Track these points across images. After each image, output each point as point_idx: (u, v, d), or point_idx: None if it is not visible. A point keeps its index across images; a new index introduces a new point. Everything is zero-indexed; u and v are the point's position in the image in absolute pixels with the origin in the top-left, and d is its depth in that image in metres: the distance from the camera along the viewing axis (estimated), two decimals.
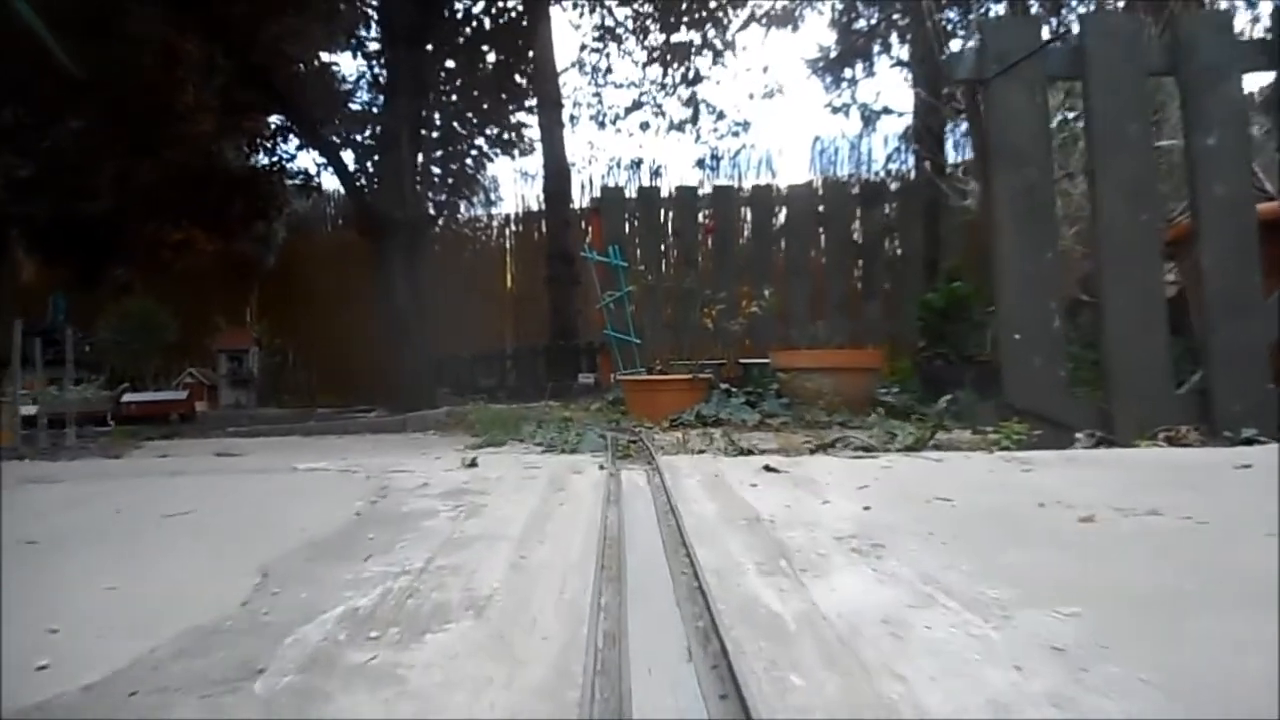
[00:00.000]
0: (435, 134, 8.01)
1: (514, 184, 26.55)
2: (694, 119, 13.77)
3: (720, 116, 14.69)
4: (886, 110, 14.23)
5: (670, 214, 5.93)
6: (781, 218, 6.03)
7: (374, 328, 8.59)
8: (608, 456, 2.69)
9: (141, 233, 10.08)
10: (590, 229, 6.04)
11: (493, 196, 14.33)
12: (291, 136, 10.13)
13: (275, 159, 9.95)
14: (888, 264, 6.03)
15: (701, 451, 2.92)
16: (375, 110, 8.07)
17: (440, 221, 10.26)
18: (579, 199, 11.82)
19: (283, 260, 12.95)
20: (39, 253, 10.68)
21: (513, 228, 13.34)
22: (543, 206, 12.47)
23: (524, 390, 10.62)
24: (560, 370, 10.58)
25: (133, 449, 4.74)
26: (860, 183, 7.74)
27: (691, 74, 13.07)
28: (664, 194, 5.94)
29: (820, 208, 5.95)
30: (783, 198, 5.90)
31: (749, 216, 5.99)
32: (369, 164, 7.91)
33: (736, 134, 14.74)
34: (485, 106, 8.20)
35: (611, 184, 8.39)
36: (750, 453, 2.88)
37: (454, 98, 8.21)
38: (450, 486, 2.13)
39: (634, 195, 5.95)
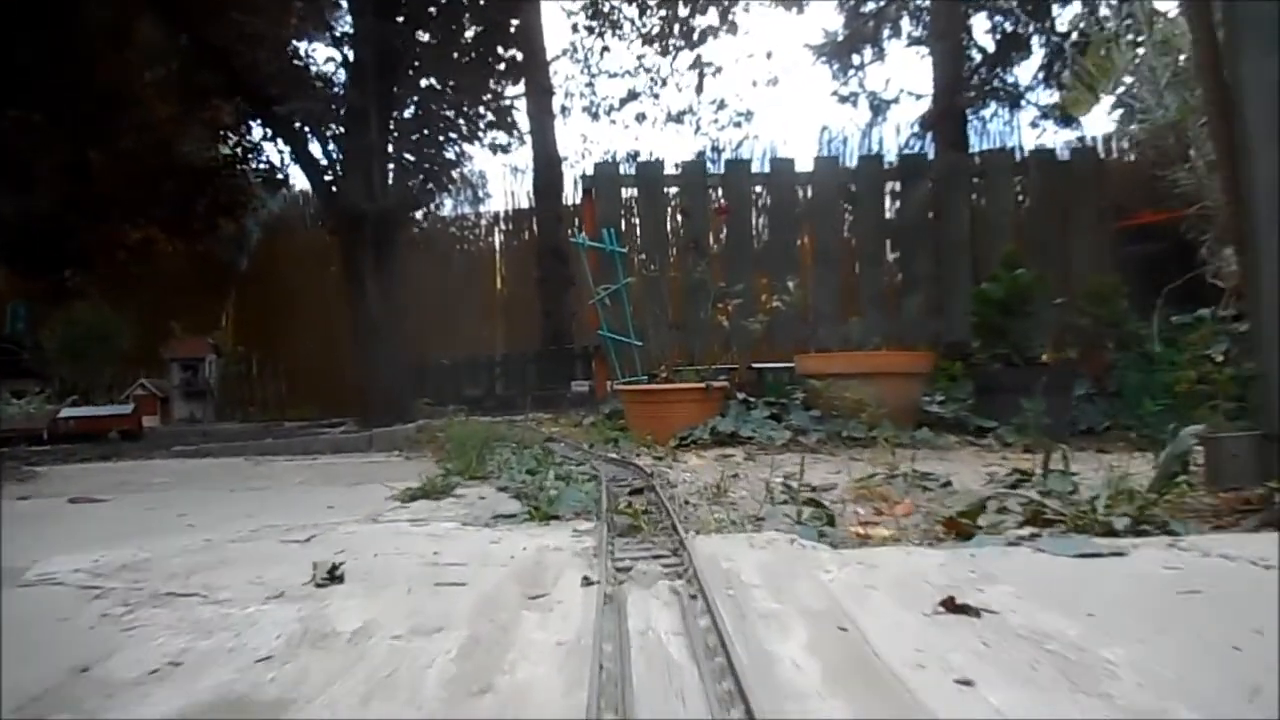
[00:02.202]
0: (408, 115, 7.15)
1: (503, 180, 25.74)
2: (699, 87, 12.74)
3: (721, 106, 13.86)
4: (896, 101, 13.43)
5: (676, 195, 5.06)
6: (805, 199, 5.15)
7: (346, 333, 7.72)
8: (599, 533, 1.59)
9: (94, 232, 9.20)
10: (582, 214, 5.15)
11: (481, 193, 13.48)
12: (256, 127, 9.27)
13: (237, 149, 9.05)
14: (931, 251, 5.17)
15: (758, 520, 1.82)
16: (342, 92, 7.19)
17: (417, 214, 9.37)
18: (571, 195, 10.99)
19: (255, 262, 12.12)
20: None
21: (502, 226, 12.50)
22: (533, 202, 11.64)
23: (512, 400, 9.75)
24: (552, 378, 9.73)
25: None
26: (898, 155, 6.87)
27: (696, 36, 12.10)
28: (667, 171, 5.08)
29: (852, 186, 5.09)
30: (807, 176, 5.04)
31: (767, 198, 5.11)
32: (335, 151, 7.04)
33: (739, 124, 13.90)
34: (465, 85, 7.35)
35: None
36: (829, 521, 1.79)
37: (430, 77, 7.35)
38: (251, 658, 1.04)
39: (632, 172, 5.08)
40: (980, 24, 11.35)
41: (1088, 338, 4.64)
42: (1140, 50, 4.83)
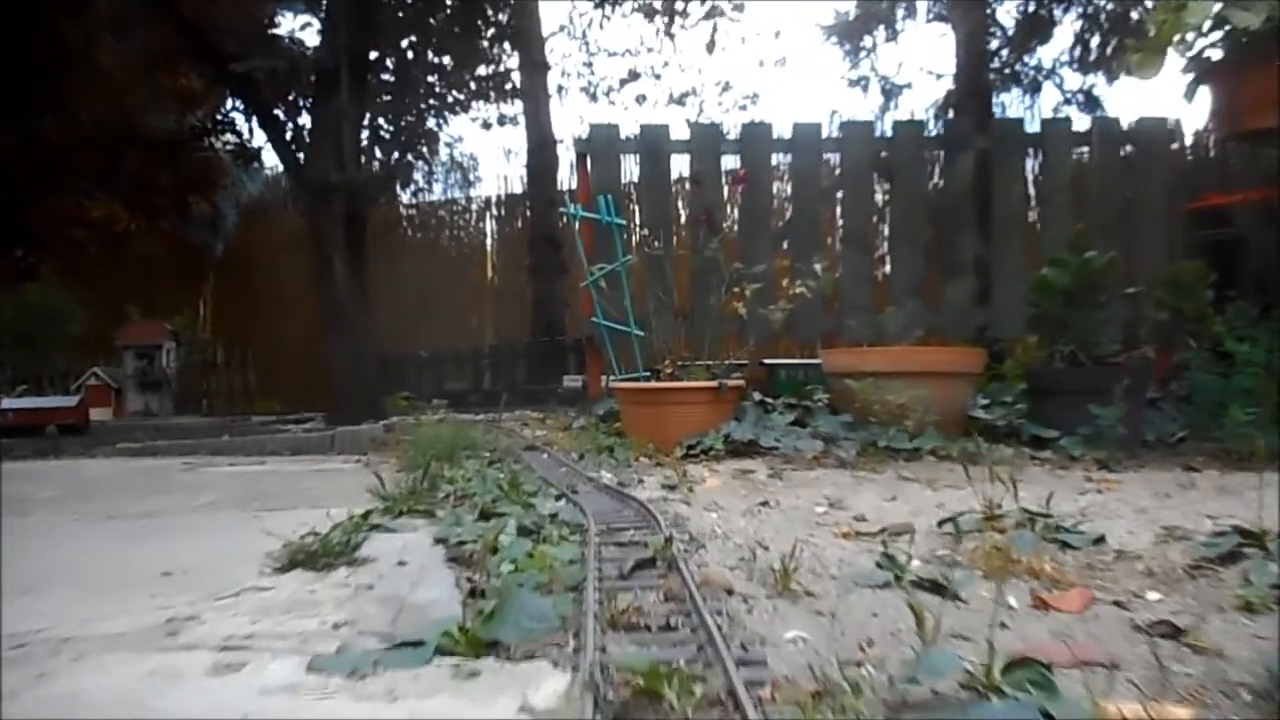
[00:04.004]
0: (386, 79, 6.45)
1: (495, 163, 24.96)
2: (710, 44, 11.86)
3: (726, 88, 13.13)
4: (909, 86, 12.72)
5: (681, 181, 4.36)
6: (834, 168, 4.44)
7: (315, 321, 7.01)
8: (578, 686, 0.85)
9: (48, 207, 8.46)
10: (576, 182, 4.45)
11: (471, 176, 12.80)
12: (227, 101, 8.53)
13: (206, 121, 8.30)
14: (975, 232, 4.47)
15: (857, 668, 0.96)
16: (311, 54, 6.47)
17: (402, 192, 8.66)
18: (567, 181, 10.28)
19: (232, 247, 11.43)
20: None
21: (494, 211, 11.83)
22: (526, 186, 10.95)
23: (499, 396, 9.05)
24: (542, 371, 9.04)
25: None
26: (941, 122, 6.14)
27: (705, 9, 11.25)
28: (675, 135, 4.36)
29: (886, 155, 4.38)
30: (835, 143, 4.32)
31: (790, 167, 4.39)
32: (303, 118, 6.33)
33: (744, 108, 13.16)
34: (450, 48, 6.64)
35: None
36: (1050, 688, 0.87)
37: (410, 36, 6.63)
38: None
39: (635, 135, 4.37)
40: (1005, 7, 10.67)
41: (1166, 333, 3.97)
42: None
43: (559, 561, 1.27)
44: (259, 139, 8.27)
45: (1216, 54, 4.86)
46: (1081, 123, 4.57)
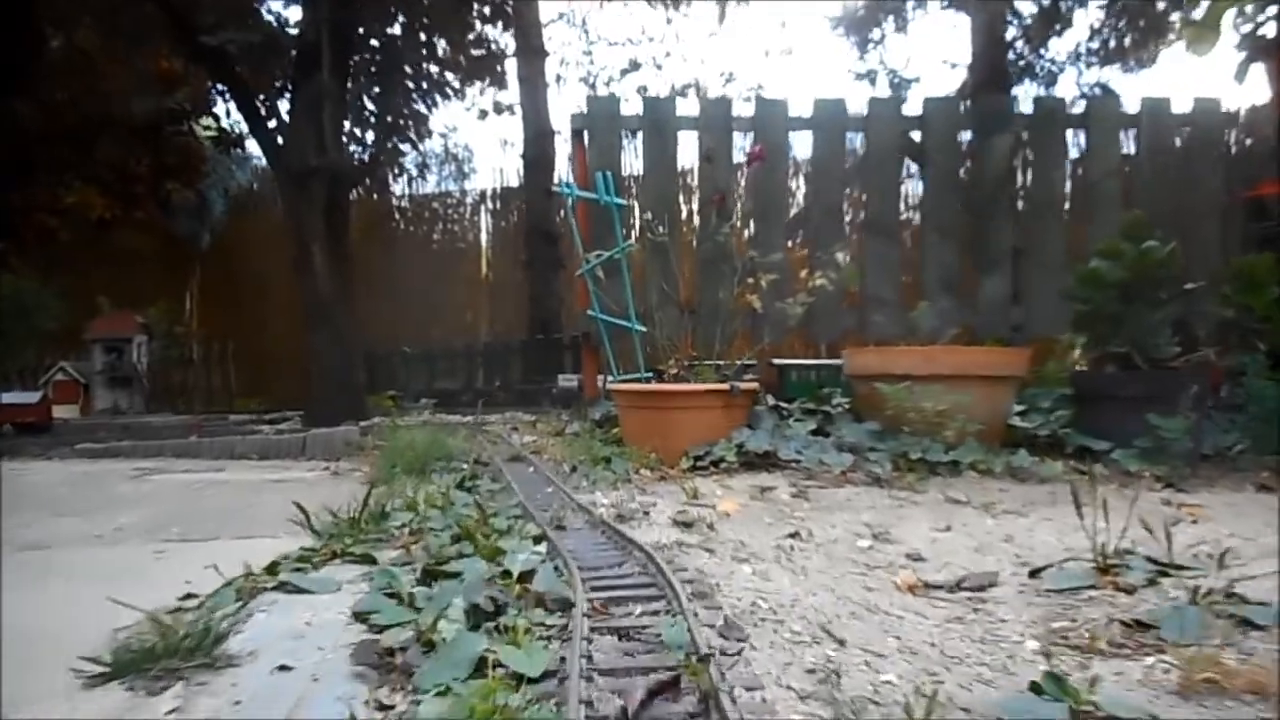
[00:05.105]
0: (371, 57, 6.01)
1: (491, 155, 24.41)
2: (720, 16, 11.35)
3: (730, 79, 12.71)
4: (918, 80, 12.31)
5: (693, 141, 3.92)
6: (856, 152, 3.99)
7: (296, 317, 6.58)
8: None
9: (17, 193, 8.02)
10: (573, 160, 4.01)
11: (466, 168, 12.39)
12: (208, 87, 8.06)
13: (185, 104, 7.84)
14: (1011, 221, 4.04)
15: None
16: (293, 30, 6.04)
17: (389, 179, 8.21)
18: (567, 174, 9.85)
19: (219, 238, 10.99)
20: None
21: (489, 205, 11.40)
22: (522, 178, 10.53)
23: (493, 395, 8.65)
24: (537, 370, 8.62)
25: None
26: (974, 99, 5.66)
27: None
28: (682, 112, 3.90)
29: (912, 132, 3.93)
30: (859, 121, 3.87)
31: (811, 147, 3.94)
32: (283, 101, 5.90)
33: (748, 100, 12.72)
34: (440, 24, 6.20)
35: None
36: None
37: (398, 10, 6.18)
38: None
39: (638, 111, 3.92)
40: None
41: (1227, 334, 3.55)
42: None
43: (520, 694, 0.83)
44: (241, 124, 7.82)
45: (1271, 31, 4.47)
46: (1130, 103, 4.13)
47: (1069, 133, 4.18)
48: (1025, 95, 10.44)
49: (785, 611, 1.19)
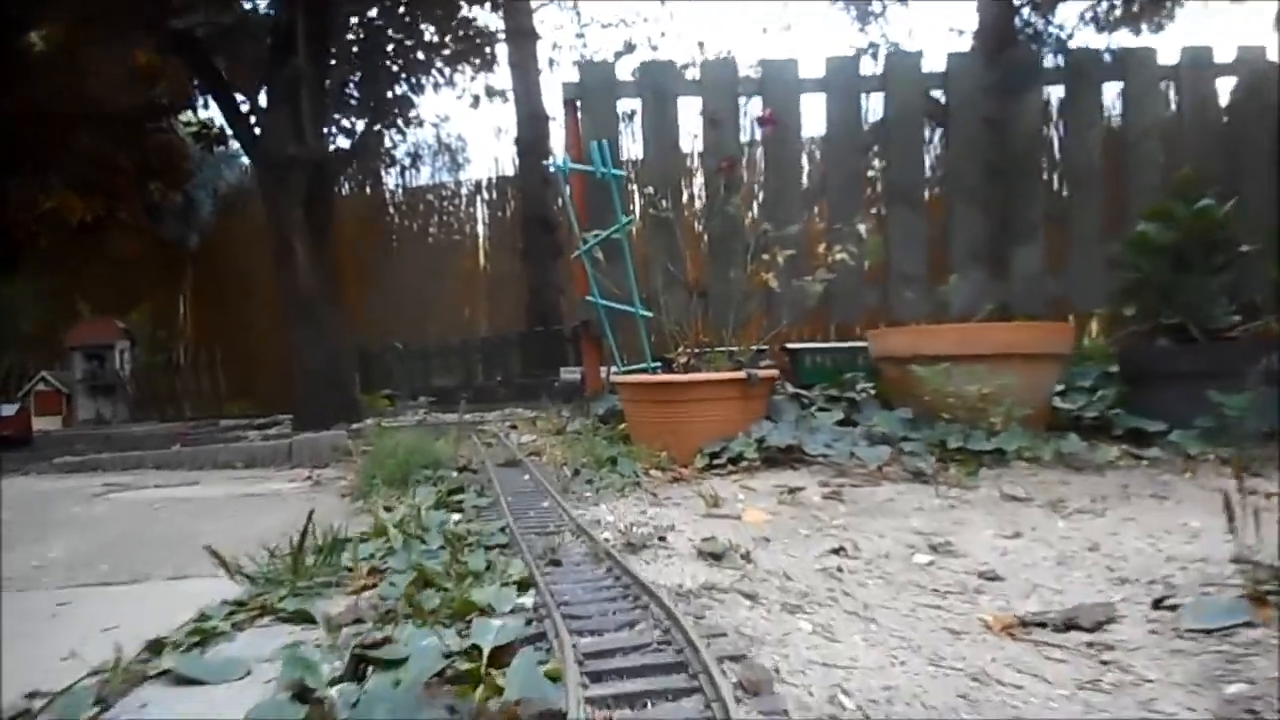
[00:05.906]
0: (353, 39, 5.69)
1: (485, 145, 23.99)
2: None
3: (728, 57, 12.29)
4: (921, 54, 11.92)
5: (696, 106, 3.57)
6: (875, 110, 3.66)
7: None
8: None
9: None
10: (566, 131, 3.65)
11: (460, 158, 12.05)
12: (190, 84, 7.72)
13: (157, 95, 7.50)
14: (1044, 187, 3.71)
15: None
16: (268, 11, 5.71)
17: (380, 171, 7.88)
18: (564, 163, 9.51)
19: (208, 240, 10.68)
20: None
21: (485, 195, 11.09)
22: (517, 166, 10.21)
23: (492, 391, 8.35)
24: (538, 363, 8.31)
25: None
26: (1003, 52, 5.26)
27: None
28: (687, 75, 3.56)
29: (936, 91, 3.59)
30: (876, 81, 3.53)
31: (825, 111, 3.59)
32: (258, 84, 5.57)
33: (753, 72, 12.36)
34: (426, 4, 5.86)
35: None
36: None
37: None
38: None
39: (635, 76, 3.58)
40: None
41: None
42: None
43: None
44: (208, 104, 7.49)
45: None
46: (1168, 55, 3.78)
47: (1104, 87, 3.84)
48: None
49: (876, 706, 0.85)
